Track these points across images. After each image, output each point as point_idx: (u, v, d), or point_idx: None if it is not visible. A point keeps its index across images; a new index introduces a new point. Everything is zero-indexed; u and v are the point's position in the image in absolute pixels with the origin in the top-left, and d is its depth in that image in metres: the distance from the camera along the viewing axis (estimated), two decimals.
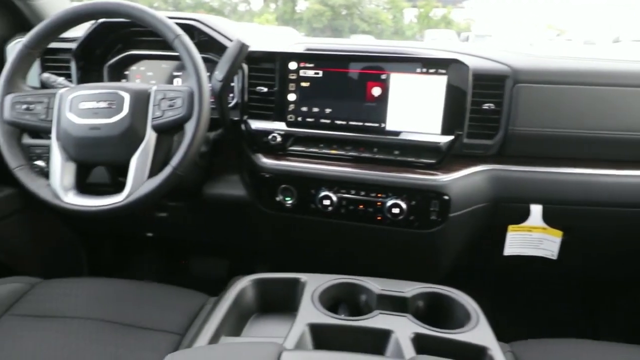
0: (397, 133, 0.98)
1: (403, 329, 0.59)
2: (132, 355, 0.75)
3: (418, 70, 0.95)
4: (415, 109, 0.97)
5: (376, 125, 0.99)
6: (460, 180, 0.96)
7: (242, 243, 1.38)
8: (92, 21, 1.03)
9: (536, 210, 0.99)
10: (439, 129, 0.96)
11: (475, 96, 0.95)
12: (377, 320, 0.61)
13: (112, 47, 1.13)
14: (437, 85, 0.95)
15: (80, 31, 1.05)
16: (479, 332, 0.59)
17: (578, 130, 0.97)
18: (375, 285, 0.68)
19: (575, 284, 1.46)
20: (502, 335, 0.86)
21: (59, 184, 0.83)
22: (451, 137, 0.95)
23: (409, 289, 0.68)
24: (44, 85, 1.01)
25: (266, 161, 1.03)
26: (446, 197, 0.94)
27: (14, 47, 1.13)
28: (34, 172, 0.86)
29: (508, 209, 1.01)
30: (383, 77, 0.97)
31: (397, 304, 0.66)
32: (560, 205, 0.99)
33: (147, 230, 1.35)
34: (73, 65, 1.08)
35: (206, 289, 0.95)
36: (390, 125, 0.98)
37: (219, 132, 1.06)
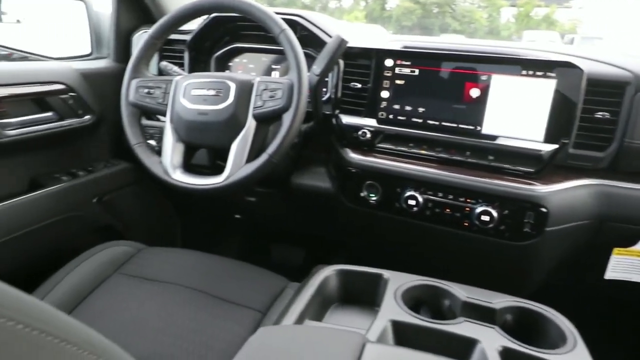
0: (493, 137, 0.94)
1: (490, 340, 0.56)
2: (218, 324, 0.81)
3: (524, 72, 0.90)
4: (516, 113, 0.92)
5: (471, 127, 0.96)
6: (562, 193, 0.89)
7: (322, 234, 1.42)
8: (205, 16, 1.12)
9: None
10: (541, 136, 0.90)
11: (587, 103, 0.88)
12: (463, 327, 0.59)
13: (220, 39, 1.22)
14: (544, 89, 0.89)
15: (193, 25, 1.15)
16: (575, 356, 0.55)
17: None
18: (461, 291, 0.67)
19: None
20: None
21: (169, 162, 0.92)
22: (555, 146, 0.88)
23: (498, 300, 0.65)
24: (161, 72, 1.13)
25: (354, 156, 1.05)
26: (544, 210, 0.88)
27: (140, 37, 1.27)
28: (149, 150, 0.96)
29: (615, 229, 0.92)
30: (483, 78, 0.93)
31: (483, 314, 0.63)
32: None
33: (236, 212, 1.44)
34: (186, 55, 1.18)
35: (283, 272, 0.99)
36: (487, 128, 0.94)
37: (310, 124, 1.10)
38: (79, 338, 0.26)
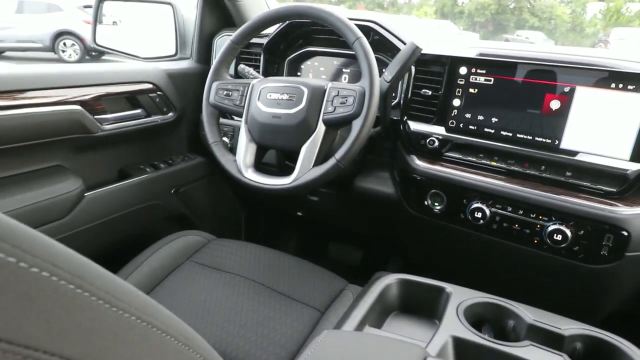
0: (573, 153, 0.89)
1: None
2: (280, 318, 0.85)
3: (612, 85, 0.84)
4: (600, 129, 0.86)
5: (549, 141, 0.91)
6: None
7: (381, 238, 1.42)
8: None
9: None
10: (627, 154, 0.84)
11: None
12: (528, 351, 0.57)
13: (294, 43, 1.26)
14: (634, 104, 0.82)
15: (270, 29, 1.20)
16: None
17: None
18: (528, 313, 0.65)
19: None
20: None
21: (242, 161, 0.98)
22: None
23: (568, 327, 0.62)
24: (239, 74, 1.19)
25: (420, 163, 1.04)
26: (625, 233, 0.82)
27: (222, 41, 1.35)
28: (225, 148, 1.02)
29: None
30: (566, 89, 0.89)
31: (550, 340, 0.61)
32: None
33: (298, 210, 1.48)
34: (262, 58, 1.24)
35: (339, 272, 1.01)
36: (567, 143, 0.89)
37: (377, 129, 1.10)
38: (177, 332, 0.30)
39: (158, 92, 1.22)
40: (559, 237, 0.87)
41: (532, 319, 0.63)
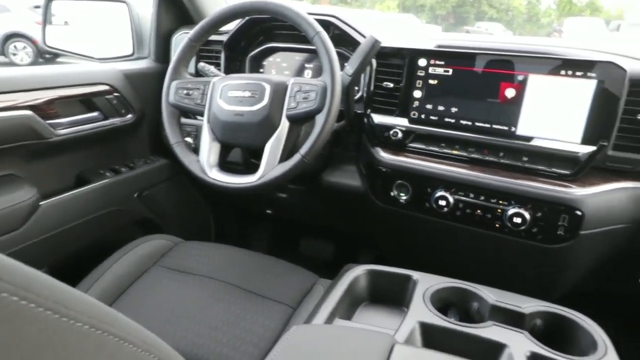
0: (528, 138, 0.92)
1: (519, 345, 0.57)
2: (251, 318, 0.84)
3: (562, 72, 0.88)
4: (552, 114, 0.90)
5: (505, 128, 0.94)
6: (598, 195, 0.87)
7: (351, 231, 1.44)
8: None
9: None
10: (579, 138, 0.88)
11: (629, 104, 0.85)
12: (491, 331, 0.60)
13: (254, 39, 1.25)
14: (583, 89, 0.86)
15: (230, 25, 1.18)
16: None
17: None
18: (490, 295, 0.67)
19: None
20: None
21: (206, 160, 0.96)
22: (593, 148, 0.86)
23: (527, 305, 0.65)
24: (199, 72, 1.17)
25: (384, 155, 1.05)
26: (579, 213, 0.86)
27: (180, 39, 1.31)
28: (187, 148, 1.00)
29: None
30: (520, 77, 0.92)
31: (512, 319, 0.64)
32: None
33: (267, 208, 1.48)
34: (222, 56, 1.22)
35: (311, 268, 1.02)
36: (522, 129, 0.93)
37: (342, 123, 1.11)
38: (137, 337, 0.29)
39: (115, 94, 1.18)
40: (519, 220, 0.90)
41: (495, 299, 0.66)
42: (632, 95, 0.85)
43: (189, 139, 1.24)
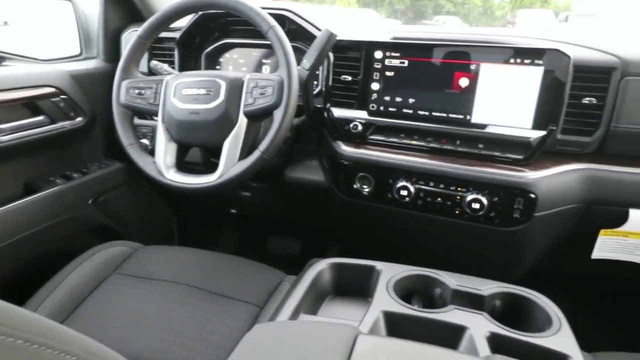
0: (483, 126, 0.95)
1: (479, 326, 0.58)
2: (217, 320, 0.83)
3: (511, 60, 0.91)
4: (504, 102, 0.92)
5: (461, 117, 0.97)
6: (550, 178, 0.91)
7: (317, 225, 1.44)
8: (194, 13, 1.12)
9: (636, 215, 0.91)
10: (529, 124, 0.91)
11: (574, 89, 0.89)
12: (452, 315, 0.61)
13: (209, 35, 1.22)
14: (531, 76, 0.89)
15: (182, 22, 1.14)
16: (560, 338, 0.57)
17: None
18: (451, 280, 0.68)
19: None
20: (584, 344, 0.81)
21: (162, 162, 0.93)
22: (543, 133, 0.90)
23: (486, 287, 0.67)
24: (152, 71, 1.13)
25: (346, 149, 1.06)
26: (532, 196, 0.90)
27: (129, 37, 1.26)
28: (142, 150, 0.96)
29: (602, 212, 0.93)
30: (472, 67, 0.94)
31: (472, 301, 0.65)
32: None
33: (231, 207, 1.45)
34: (176, 53, 1.18)
35: (280, 265, 1.01)
36: (476, 117, 0.95)
37: (302, 118, 1.10)
38: (79, 348, 0.28)
39: (62, 96, 1.12)
40: (477, 206, 0.93)
41: (456, 284, 0.67)
42: (576, 81, 0.88)
43: (145, 141, 1.20)
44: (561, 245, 1.02)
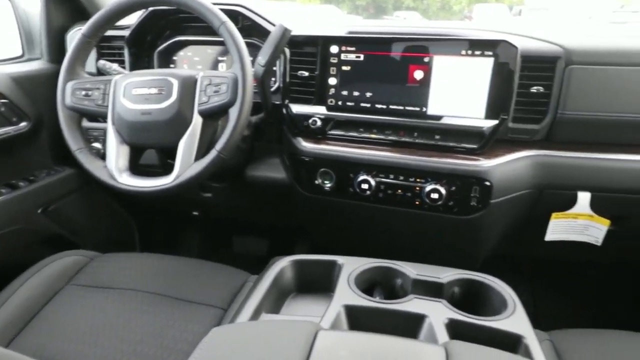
0: (438, 117, 0.97)
1: (437, 314, 0.59)
2: (179, 326, 0.81)
3: (463, 52, 0.93)
4: (458, 93, 0.94)
5: (417, 109, 0.98)
6: (504, 166, 0.94)
7: (282, 223, 1.43)
8: (143, 9, 1.08)
9: (584, 198, 0.95)
10: (482, 113, 0.93)
11: (523, 79, 0.92)
12: (412, 304, 0.62)
13: (161, 33, 1.18)
14: (482, 67, 0.92)
15: (132, 19, 1.10)
16: (515, 320, 0.59)
17: (633, 114, 0.91)
18: (411, 269, 0.69)
19: (622, 273, 1.39)
20: (542, 323, 0.85)
21: (114, 165, 0.89)
22: (495, 122, 0.92)
23: (445, 274, 0.68)
24: (100, 71, 1.08)
25: (306, 145, 1.05)
26: (488, 183, 0.92)
27: (74, 36, 1.20)
28: (92, 154, 0.92)
29: (553, 196, 0.97)
30: (426, 59, 0.95)
31: (432, 289, 0.66)
32: (610, 193, 0.95)
33: (193, 209, 1.42)
34: (126, 52, 1.14)
35: (246, 266, 1.00)
36: (432, 109, 0.97)
37: (260, 116, 1.09)
38: None
39: (2, 100, 1.05)
40: (436, 196, 0.95)
41: (416, 274, 0.68)
42: (524, 70, 0.91)
43: (96, 144, 1.15)
44: (517, 229, 1.06)
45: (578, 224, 0.98)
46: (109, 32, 1.04)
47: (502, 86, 0.91)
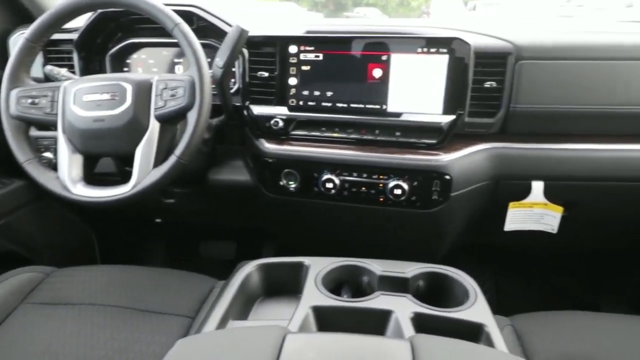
0: (398, 114, 0.98)
1: (403, 308, 0.61)
2: (145, 339, 0.78)
3: (419, 50, 0.95)
4: (416, 89, 0.96)
5: (377, 107, 0.99)
6: (462, 159, 0.96)
7: (249, 226, 1.41)
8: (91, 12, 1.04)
9: (537, 187, 1.00)
10: (440, 109, 0.96)
11: (476, 74, 0.95)
12: (378, 301, 0.63)
13: (112, 36, 1.14)
14: (438, 64, 0.94)
15: (81, 21, 1.05)
16: (476, 309, 0.61)
17: (581, 105, 0.96)
18: (377, 266, 0.70)
19: (578, 256, 1.47)
20: (506, 309, 0.88)
21: (67, 176, 0.85)
22: (453, 117, 0.95)
23: (410, 269, 0.70)
24: (48, 77, 1.03)
25: (269, 146, 1.04)
26: (448, 177, 0.95)
27: (16, 41, 1.14)
28: (42, 165, 0.88)
29: (509, 186, 1.01)
30: (384, 58, 0.97)
31: (398, 285, 0.68)
32: (561, 181, 1.00)
33: (156, 217, 1.38)
34: (75, 56, 1.09)
35: (215, 271, 0.98)
36: (392, 106, 0.98)
37: (221, 118, 1.07)
38: None
39: None
40: (399, 191, 0.96)
41: (381, 270, 0.69)
42: (478, 66, 0.94)
43: (47, 154, 1.09)
44: (477, 220, 1.10)
45: (534, 213, 1.03)
46: (57, 36, 0.99)
47: (458, 82, 0.93)
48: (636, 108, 0.95)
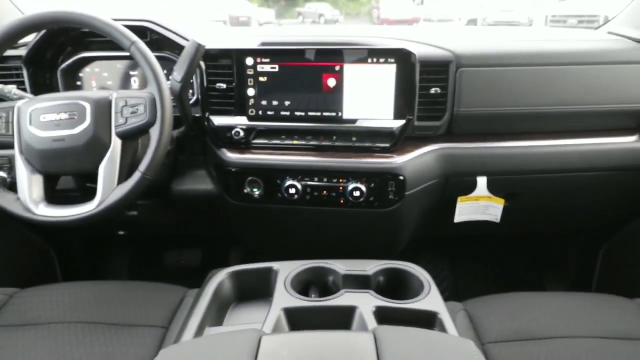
0: (353, 121, 1.04)
1: (366, 304, 0.67)
2: (120, 352, 0.80)
3: (369, 60, 1.01)
4: (369, 97, 1.03)
5: (334, 114, 1.05)
6: (414, 160, 1.04)
7: (214, 234, 1.43)
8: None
9: (482, 182, 1.10)
10: (391, 115, 1.03)
11: (422, 82, 1.02)
12: (343, 298, 0.68)
13: (62, 50, 1.12)
14: (387, 73, 1.01)
15: (30, 37, 1.03)
16: (430, 299, 0.69)
17: (517, 107, 1.06)
18: (341, 266, 0.76)
19: (524, 242, 1.62)
20: (462, 294, 0.97)
21: (29, 197, 0.85)
22: (403, 122, 1.02)
23: (371, 267, 0.76)
24: None
25: (231, 156, 1.07)
26: (402, 178, 1.02)
27: None
28: (1, 188, 0.86)
29: (457, 182, 1.11)
30: (337, 68, 1.02)
31: (360, 282, 0.74)
32: (503, 176, 1.10)
33: (119, 230, 1.37)
34: (25, 73, 1.06)
35: (183, 279, 1.00)
36: (347, 114, 1.04)
37: (182, 130, 1.09)
38: None
39: None
40: (358, 193, 1.03)
41: (345, 270, 0.75)
42: (423, 74, 1.02)
43: (1, 173, 1.06)
44: (431, 215, 1.19)
45: (480, 206, 1.13)
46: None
47: (406, 89, 1.01)
48: (564, 108, 1.07)
